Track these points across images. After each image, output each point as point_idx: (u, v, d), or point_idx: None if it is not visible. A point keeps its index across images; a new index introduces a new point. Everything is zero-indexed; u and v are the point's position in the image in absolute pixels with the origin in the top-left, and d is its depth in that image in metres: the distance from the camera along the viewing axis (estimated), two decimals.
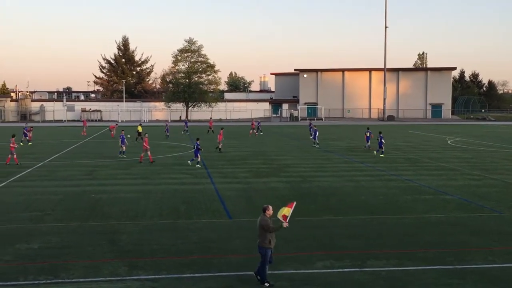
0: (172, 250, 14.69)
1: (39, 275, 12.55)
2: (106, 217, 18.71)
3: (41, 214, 19.13)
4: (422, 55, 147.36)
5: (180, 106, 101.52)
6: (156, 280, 12.28)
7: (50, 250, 14.68)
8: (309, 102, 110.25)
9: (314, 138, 46.38)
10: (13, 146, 32.61)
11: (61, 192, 23.33)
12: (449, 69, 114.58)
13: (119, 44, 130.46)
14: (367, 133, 42.88)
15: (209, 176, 28.38)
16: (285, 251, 14.58)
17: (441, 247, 15.09)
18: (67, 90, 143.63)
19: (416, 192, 23.90)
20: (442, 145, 47.40)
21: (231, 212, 19.57)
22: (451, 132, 65.82)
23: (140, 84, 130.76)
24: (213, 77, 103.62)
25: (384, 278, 12.52)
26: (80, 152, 41.01)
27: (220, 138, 40.89)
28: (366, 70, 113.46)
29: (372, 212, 19.67)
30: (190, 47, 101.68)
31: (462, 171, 30.64)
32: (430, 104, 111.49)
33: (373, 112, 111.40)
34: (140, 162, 33.51)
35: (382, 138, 38.68)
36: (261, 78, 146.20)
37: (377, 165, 33.14)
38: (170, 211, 19.66)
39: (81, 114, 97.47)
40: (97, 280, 12.27)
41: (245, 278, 12.42)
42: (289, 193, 23.53)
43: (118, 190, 24.10)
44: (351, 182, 26.40)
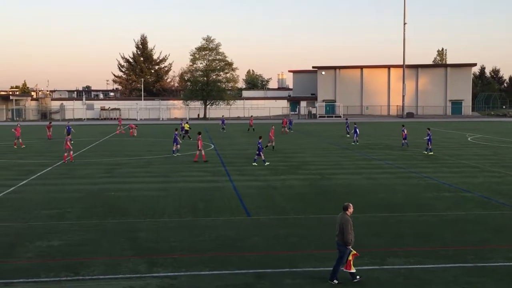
0: (190, 248, 14.75)
1: (59, 272, 12.69)
2: (125, 214, 18.85)
3: (61, 211, 19.34)
4: (442, 51, 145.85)
5: (198, 104, 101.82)
6: (175, 277, 12.34)
7: (71, 247, 14.83)
8: (327, 99, 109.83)
9: (355, 135, 45.84)
10: (69, 144, 33.41)
11: (81, 190, 23.56)
12: (469, 65, 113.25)
13: (137, 42, 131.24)
14: (405, 130, 42.23)
15: (228, 174, 28.43)
16: (304, 249, 14.56)
17: (462, 245, 14.94)
18: (86, 89, 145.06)
19: (436, 189, 23.68)
20: (462, 142, 46.90)
21: (250, 210, 19.59)
22: (471, 129, 65.08)
23: (158, 83, 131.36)
24: (231, 75, 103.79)
25: (404, 276, 12.43)
26: (99, 150, 41.37)
27: (271, 135, 40.56)
28: (384, 67, 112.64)
29: (391, 210, 19.54)
30: (208, 45, 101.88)
31: (482, 168, 30.29)
32: (450, 100, 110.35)
33: (391, 109, 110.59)
34: (195, 161, 33.10)
35: (430, 135, 37.70)
36: (279, 75, 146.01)
37: (396, 162, 32.91)
38: (189, 209, 19.73)
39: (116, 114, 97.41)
40: (117, 277, 12.36)
41: (263, 275, 12.42)
42: (308, 190, 23.48)
43: (137, 188, 24.26)
44: (370, 180, 26.25)
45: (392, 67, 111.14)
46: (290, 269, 12.84)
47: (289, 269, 12.89)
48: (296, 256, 13.89)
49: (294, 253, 14.18)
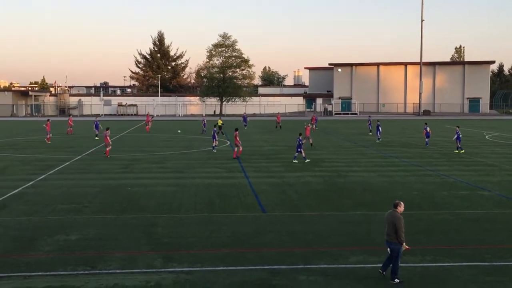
0: (206, 243, 14.82)
1: (77, 266, 12.84)
2: (142, 210, 18.99)
3: (79, 206, 19.55)
4: (460, 48, 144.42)
5: (215, 101, 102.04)
6: (190, 273, 12.42)
7: (88, 241, 14.99)
8: (343, 96, 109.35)
9: (377, 132, 45.59)
10: (108, 139, 34.12)
11: (99, 185, 23.77)
12: (488, 63, 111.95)
13: (154, 39, 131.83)
14: (427, 128, 41.33)
15: (243, 170, 28.49)
16: (319, 246, 14.57)
17: (479, 244, 14.83)
18: (104, 85, 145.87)
19: (453, 187, 23.51)
20: (480, 140, 46.45)
21: (265, 206, 19.62)
22: (489, 127, 64.42)
23: (175, 79, 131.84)
24: (247, 71, 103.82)
25: (420, 274, 12.39)
26: (116, 146, 41.63)
27: (307, 133, 40.54)
28: (401, 64, 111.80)
29: (407, 208, 19.37)
30: (225, 42, 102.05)
31: (500, 166, 29.99)
32: (467, 98, 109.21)
33: (408, 106, 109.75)
34: (234, 158, 33.05)
35: (459, 133, 36.94)
36: (295, 72, 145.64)
37: (412, 160, 32.71)
38: (205, 205, 19.82)
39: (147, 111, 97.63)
40: (133, 272, 12.48)
41: (278, 272, 12.45)
42: (323, 187, 23.45)
43: (153, 183, 24.42)
44: (386, 177, 26.13)
45: (409, 64, 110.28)
46: (305, 266, 12.86)
47: (304, 265, 12.90)
48: (310, 253, 13.90)
49: (309, 250, 14.19)
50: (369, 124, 53.64)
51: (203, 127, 55.49)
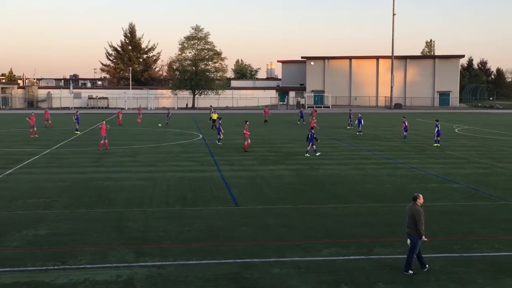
0: (178, 237, 14.74)
1: (47, 261, 12.63)
2: (113, 204, 18.78)
3: (48, 200, 19.23)
4: (430, 42, 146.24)
5: (187, 94, 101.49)
6: (162, 267, 12.33)
7: (58, 236, 14.76)
8: (316, 89, 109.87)
9: (359, 125, 45.86)
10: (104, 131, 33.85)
11: (69, 179, 23.42)
12: (457, 57, 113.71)
13: (125, 31, 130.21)
14: (405, 122, 41.43)
15: (216, 163, 28.40)
16: (291, 239, 14.61)
17: (448, 236, 15.07)
18: (74, 78, 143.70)
19: (423, 180, 23.84)
20: (450, 133, 47.17)
21: (238, 200, 19.60)
22: (458, 120, 65.51)
23: (146, 72, 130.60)
24: (219, 64, 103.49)
25: (390, 266, 12.52)
26: (87, 139, 41.12)
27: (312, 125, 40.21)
28: (373, 57, 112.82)
29: (378, 200, 19.65)
30: (197, 34, 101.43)
31: (469, 159, 30.52)
32: (437, 92, 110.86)
33: (380, 100, 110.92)
34: (245, 151, 32.86)
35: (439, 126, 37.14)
36: (268, 65, 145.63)
37: (383, 153, 33.06)
38: (177, 199, 19.70)
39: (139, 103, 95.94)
40: (104, 267, 12.33)
41: (250, 265, 12.45)
42: (296, 180, 23.53)
43: (125, 177, 24.17)
44: (358, 170, 26.36)
45: (381, 58, 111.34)
46: (278, 259, 12.89)
47: (277, 258, 12.93)
48: (284, 246, 13.94)
49: (282, 243, 14.22)
50: (350, 119, 53.38)
51: (166, 119, 55.57)
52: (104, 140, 33.83)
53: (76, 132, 45.11)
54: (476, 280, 11.65)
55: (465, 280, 11.65)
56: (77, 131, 45.73)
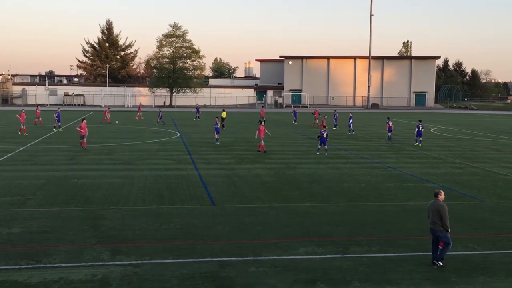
0: (155, 236, 14.66)
1: (20, 260, 12.45)
2: (88, 202, 18.59)
3: (22, 198, 18.95)
4: (407, 43, 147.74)
5: (165, 92, 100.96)
6: (138, 266, 12.25)
7: (32, 234, 14.56)
8: (294, 89, 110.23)
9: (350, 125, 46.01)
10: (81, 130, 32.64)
11: (43, 177, 23.12)
12: (433, 58, 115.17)
13: (102, 28, 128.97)
14: (389, 122, 40.71)
15: (193, 162, 28.31)
16: (268, 238, 14.63)
17: (423, 234, 15.24)
18: (50, 74, 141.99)
19: (399, 179, 24.09)
20: (425, 134, 47.62)
21: (215, 198, 19.57)
22: (434, 121, 66.32)
23: (124, 69, 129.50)
24: (198, 62, 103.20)
25: (366, 264, 12.62)
26: (62, 136, 40.63)
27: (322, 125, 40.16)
28: (351, 57, 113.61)
29: (355, 199, 19.80)
30: (175, 32, 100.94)
31: (444, 159, 30.92)
32: (414, 92, 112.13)
33: (357, 99, 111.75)
34: (258, 151, 32.17)
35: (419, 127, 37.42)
36: (246, 64, 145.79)
37: (360, 152, 33.31)
38: (154, 197, 19.59)
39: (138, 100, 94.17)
40: (79, 265, 12.20)
41: (227, 264, 12.44)
42: (273, 179, 23.58)
43: (101, 175, 23.95)
44: (335, 170, 26.52)
45: (359, 58, 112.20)
46: (255, 258, 12.91)
47: (254, 257, 12.95)
48: (260, 245, 13.96)
49: (259, 242, 14.24)
50: (335, 119, 51.91)
51: (158, 118, 55.13)
52: (83, 139, 32.68)
53: (56, 130, 44.46)
54: (450, 278, 11.82)
55: (439, 278, 11.81)
56: (58, 128, 45.05)
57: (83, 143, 32.61)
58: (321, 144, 31.95)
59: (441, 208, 12.43)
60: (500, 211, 18.43)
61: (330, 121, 49.62)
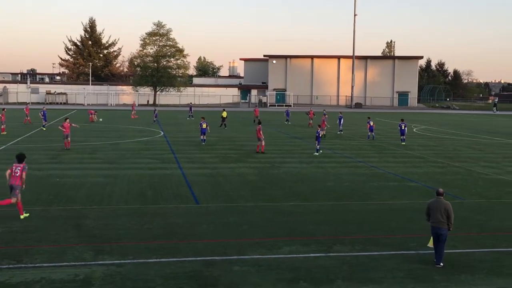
0: (138, 235, 14.58)
1: (1, 260, 12.30)
2: (71, 201, 18.44)
3: (2, 198, 18.68)
4: (390, 43, 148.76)
5: (148, 90, 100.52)
6: (121, 265, 12.18)
7: (13, 234, 14.39)
8: (278, 88, 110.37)
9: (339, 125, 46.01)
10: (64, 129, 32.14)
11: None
12: (416, 58, 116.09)
13: (85, 26, 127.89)
14: (371, 122, 41.08)
15: (177, 161, 28.22)
16: (252, 236, 14.64)
17: (405, 233, 15.37)
18: (31, 72, 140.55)
19: (382, 179, 24.24)
20: (408, 133, 47.98)
21: (198, 198, 19.52)
22: (416, 120, 66.85)
23: (107, 67, 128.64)
24: (181, 61, 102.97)
25: (349, 263, 12.68)
26: (44, 135, 40.25)
27: (323, 125, 40.15)
28: (335, 57, 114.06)
29: (338, 199, 19.88)
30: (159, 30, 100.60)
31: (426, 158, 31.18)
32: (397, 92, 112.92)
33: (341, 99, 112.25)
34: (257, 153, 31.63)
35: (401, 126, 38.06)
36: (230, 63, 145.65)
37: (344, 152, 33.46)
38: (137, 196, 19.49)
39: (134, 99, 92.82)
40: (61, 265, 12.09)
41: (211, 263, 12.42)
42: (257, 178, 23.59)
43: (83, 174, 23.76)
44: (319, 169, 26.61)
45: (342, 57, 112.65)
46: (238, 257, 12.90)
47: (237, 256, 12.94)
48: (244, 244, 13.96)
49: (243, 241, 14.24)
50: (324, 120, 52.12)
51: (154, 117, 54.77)
52: (67, 139, 32.19)
53: (43, 128, 44.05)
54: (433, 277, 11.92)
55: (421, 277, 11.90)
56: (44, 127, 44.65)
57: (67, 142, 32.17)
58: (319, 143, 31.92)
59: (449, 207, 12.72)
60: (481, 210, 18.64)
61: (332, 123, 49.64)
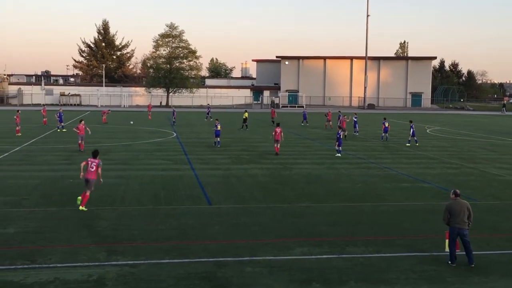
0: (151, 236, 14.63)
1: (15, 260, 12.41)
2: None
3: (18, 198, 18.90)
4: (404, 44, 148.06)
5: (161, 92, 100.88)
6: (134, 266, 12.23)
7: (27, 234, 14.51)
8: (290, 89, 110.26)
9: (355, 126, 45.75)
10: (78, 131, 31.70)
11: (39, 177, 23.05)
12: (430, 59, 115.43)
13: (99, 27, 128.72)
14: (386, 123, 40.58)
15: (189, 162, 28.29)
16: (264, 238, 14.63)
17: (419, 234, 15.28)
18: (46, 74, 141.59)
19: (395, 180, 24.11)
20: (421, 134, 47.78)
21: (211, 199, 19.55)
22: (430, 121, 66.44)
23: (120, 69, 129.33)
24: (194, 62, 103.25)
25: (362, 264, 12.63)
26: (58, 137, 40.56)
27: (343, 125, 40.26)
28: (347, 58, 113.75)
29: (351, 200, 19.81)
30: (172, 32, 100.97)
31: (440, 159, 30.98)
32: (410, 93, 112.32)
33: (353, 100, 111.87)
34: (277, 154, 31.13)
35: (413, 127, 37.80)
36: (243, 64, 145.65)
37: (357, 153, 33.33)
38: (150, 197, 19.56)
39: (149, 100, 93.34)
40: (75, 266, 12.17)
41: (223, 264, 12.43)
42: (269, 179, 23.58)
43: None
44: (331, 170, 26.53)
45: (355, 58, 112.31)
46: (251, 258, 12.90)
47: (250, 257, 12.94)
48: (256, 245, 13.95)
49: (255, 242, 14.24)
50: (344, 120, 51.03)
51: (173, 118, 54.93)
52: (81, 141, 31.79)
53: (61, 130, 44.24)
54: (446, 278, 11.84)
55: (434, 278, 11.83)
56: (59, 128, 44.86)
57: (81, 144, 31.78)
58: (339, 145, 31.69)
59: (470, 207, 12.87)
60: (495, 211, 18.47)
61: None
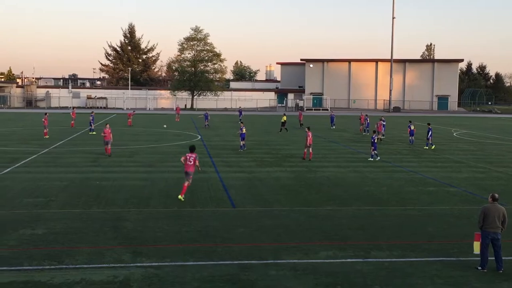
0: (176, 238, 14.72)
1: (43, 261, 12.61)
2: (110, 204, 18.76)
3: (45, 200, 19.20)
4: (430, 46, 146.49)
5: (186, 95, 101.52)
6: (159, 268, 12.31)
7: (54, 236, 14.73)
8: (314, 92, 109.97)
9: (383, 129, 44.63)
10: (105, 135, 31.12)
11: (66, 179, 23.39)
12: (456, 61, 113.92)
13: (125, 31, 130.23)
14: (411, 126, 40.36)
15: (214, 165, 28.39)
16: (288, 241, 14.60)
17: (445, 239, 15.08)
18: (73, 77, 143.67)
19: (421, 183, 23.85)
20: (448, 137, 47.23)
21: (235, 201, 19.59)
22: (457, 124, 65.58)
23: (145, 72, 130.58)
24: (219, 65, 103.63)
25: (387, 269, 12.51)
26: (85, 139, 41.10)
27: (380, 129, 40.26)
28: (372, 61, 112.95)
29: (376, 203, 19.65)
30: (196, 35, 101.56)
31: (467, 163, 30.54)
32: (436, 95, 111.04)
33: (378, 103, 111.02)
34: (304, 159, 30.68)
35: (431, 129, 37.56)
36: (267, 67, 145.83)
37: (382, 156, 33.04)
38: (175, 199, 19.68)
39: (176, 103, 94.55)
40: (101, 267, 12.31)
41: (247, 267, 12.44)
42: (293, 182, 23.53)
43: (122, 177, 24.15)
44: (356, 173, 26.36)
45: (380, 61, 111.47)
46: (275, 261, 12.88)
47: (274, 260, 12.93)
48: (280, 248, 13.93)
49: (279, 245, 14.22)
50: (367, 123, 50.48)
51: (205, 121, 55.03)
52: (107, 145, 31.16)
53: (93, 133, 44.63)
54: (473, 284, 11.66)
55: (461, 284, 11.65)
56: (92, 131, 45.32)
57: (107, 149, 31.26)
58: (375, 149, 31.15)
59: (506, 212, 12.59)
60: None
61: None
